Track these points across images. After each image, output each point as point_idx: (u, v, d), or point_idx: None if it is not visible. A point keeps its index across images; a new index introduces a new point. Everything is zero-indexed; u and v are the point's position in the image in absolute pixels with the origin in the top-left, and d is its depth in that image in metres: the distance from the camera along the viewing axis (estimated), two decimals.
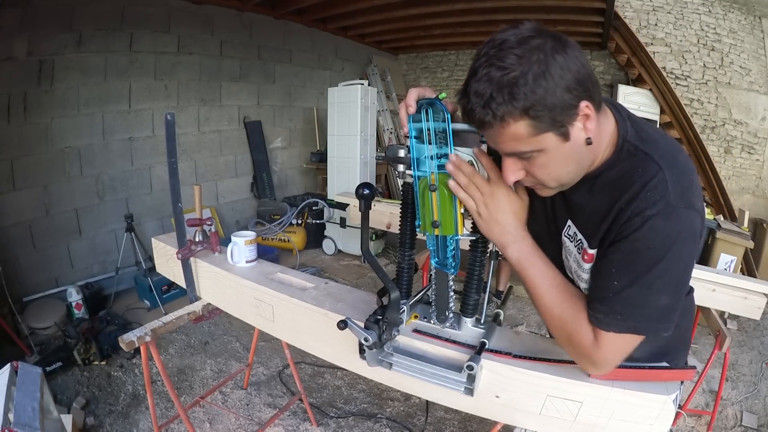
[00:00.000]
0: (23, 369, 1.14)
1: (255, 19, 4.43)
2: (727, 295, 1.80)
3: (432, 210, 0.81)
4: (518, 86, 0.58)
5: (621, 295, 0.68)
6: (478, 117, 0.63)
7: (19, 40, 2.82)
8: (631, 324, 0.69)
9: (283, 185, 5.14)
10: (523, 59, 0.58)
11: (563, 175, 0.70)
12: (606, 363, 0.74)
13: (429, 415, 2.12)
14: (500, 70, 0.59)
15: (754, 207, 4.24)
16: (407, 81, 6.61)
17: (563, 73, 0.59)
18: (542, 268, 0.77)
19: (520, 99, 0.58)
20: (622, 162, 0.70)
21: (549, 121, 0.61)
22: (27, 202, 2.99)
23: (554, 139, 0.64)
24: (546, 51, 0.59)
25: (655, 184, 0.65)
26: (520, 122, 0.61)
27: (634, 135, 0.71)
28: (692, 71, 4.36)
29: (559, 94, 0.60)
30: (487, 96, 0.60)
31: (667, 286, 0.68)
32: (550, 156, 0.66)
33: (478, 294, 0.92)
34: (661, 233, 0.64)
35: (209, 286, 1.44)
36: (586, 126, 0.65)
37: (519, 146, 0.65)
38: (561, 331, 0.76)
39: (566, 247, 0.84)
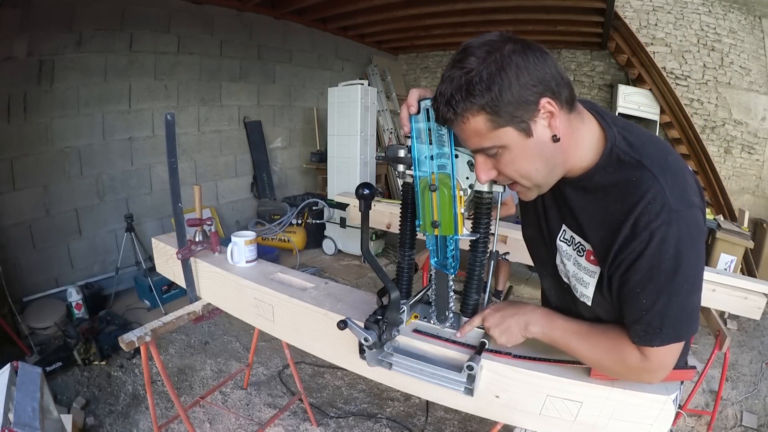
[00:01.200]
0: (23, 369, 1.14)
1: (255, 19, 4.43)
2: (727, 295, 1.80)
3: (432, 210, 0.81)
4: (473, 84, 0.62)
5: (653, 311, 0.69)
6: (441, 115, 0.68)
7: (19, 40, 2.82)
8: (671, 333, 0.70)
9: (283, 185, 5.14)
10: (480, 60, 0.62)
11: (531, 172, 0.71)
12: (661, 370, 0.75)
13: (429, 415, 2.12)
14: (460, 70, 0.63)
15: (754, 207, 4.24)
16: (407, 81, 6.61)
17: (519, 72, 0.62)
18: (565, 326, 0.82)
19: (476, 95, 0.62)
20: (614, 168, 0.71)
21: (507, 116, 0.64)
22: (27, 202, 3.00)
23: (515, 134, 0.66)
24: (504, 52, 0.62)
25: (653, 195, 0.65)
26: (479, 117, 0.64)
27: (622, 141, 0.71)
28: (692, 71, 4.36)
29: (516, 91, 0.62)
30: (448, 95, 0.64)
31: (693, 286, 0.70)
32: (515, 152, 0.68)
33: (478, 294, 0.92)
34: (671, 240, 0.65)
35: (209, 286, 1.44)
36: (551, 123, 0.67)
37: (482, 142, 0.68)
38: (610, 367, 0.78)
39: (563, 252, 0.84)
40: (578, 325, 0.81)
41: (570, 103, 0.68)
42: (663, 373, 0.76)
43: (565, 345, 0.81)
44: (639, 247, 0.66)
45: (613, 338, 0.77)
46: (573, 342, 0.80)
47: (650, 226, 0.65)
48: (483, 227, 0.87)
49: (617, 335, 0.76)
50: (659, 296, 0.68)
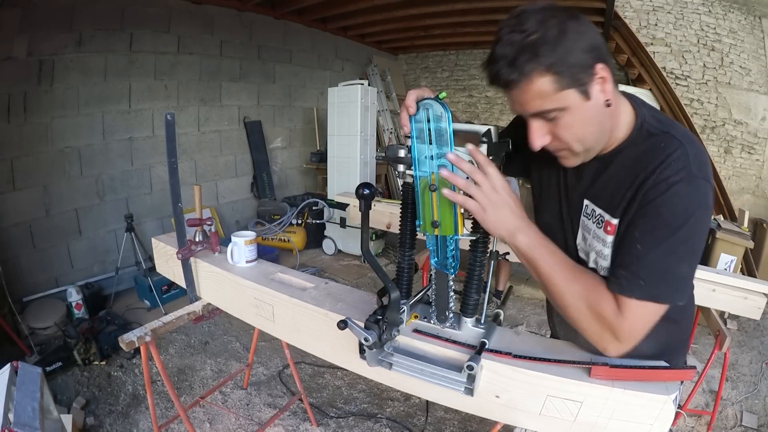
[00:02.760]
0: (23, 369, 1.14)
1: (255, 19, 4.43)
2: (727, 295, 1.80)
3: (432, 210, 0.81)
4: (539, 45, 0.63)
5: (645, 259, 0.70)
6: (504, 77, 0.67)
7: (19, 40, 2.82)
8: (653, 291, 0.70)
9: (283, 185, 5.14)
10: (541, 23, 0.64)
11: (587, 135, 0.73)
12: (630, 334, 0.73)
13: (429, 415, 2.12)
14: (521, 33, 0.64)
15: (754, 207, 4.24)
16: (407, 81, 6.61)
17: (578, 37, 0.65)
18: (552, 249, 0.78)
19: (543, 56, 0.63)
20: (644, 141, 0.74)
21: (570, 78, 0.66)
22: (27, 202, 3.00)
23: (576, 96, 0.68)
24: (561, 17, 0.64)
25: (678, 155, 0.69)
26: (545, 78, 0.65)
27: (651, 118, 0.76)
28: (692, 71, 4.36)
29: (577, 54, 0.65)
30: (512, 56, 0.64)
31: (688, 254, 0.70)
32: (574, 115, 0.69)
33: (478, 294, 0.92)
34: (684, 199, 0.68)
35: (209, 286, 1.44)
36: (605, 88, 0.69)
37: (544, 104, 0.68)
38: (580, 308, 0.76)
39: (585, 227, 0.84)
40: (565, 257, 0.78)
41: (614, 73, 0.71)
42: (630, 339, 0.74)
43: (544, 269, 0.77)
44: (653, 194, 0.69)
45: (596, 282, 0.76)
46: (555, 269, 0.76)
47: (669, 179, 0.68)
48: (481, 229, 0.87)
49: (601, 281, 0.76)
50: (655, 247, 0.69)
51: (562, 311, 0.79)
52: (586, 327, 0.77)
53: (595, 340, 0.77)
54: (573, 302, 0.76)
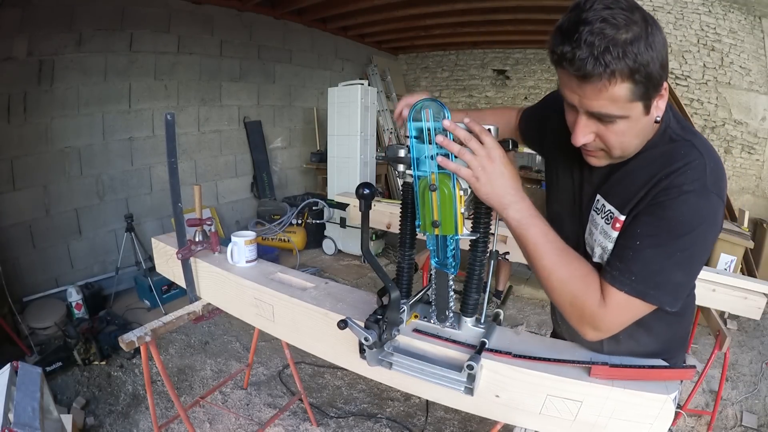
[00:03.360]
0: (23, 369, 1.14)
1: (255, 19, 4.43)
2: (727, 295, 1.80)
3: (432, 210, 0.81)
4: (631, 47, 0.59)
5: (641, 255, 0.70)
6: (587, 67, 0.61)
7: (19, 40, 2.82)
8: (643, 289, 0.70)
9: (283, 185, 5.14)
10: (634, 24, 0.60)
11: (631, 146, 0.73)
12: (609, 325, 0.74)
13: (429, 415, 2.12)
14: (614, 28, 0.59)
15: (754, 207, 4.24)
16: (407, 81, 6.61)
17: (662, 49, 0.62)
18: (544, 228, 0.76)
19: (631, 59, 0.60)
20: (665, 145, 0.74)
21: (643, 91, 0.64)
22: (27, 202, 3.00)
23: (640, 109, 0.66)
24: (651, 24, 0.61)
25: (696, 165, 0.69)
26: (625, 84, 0.62)
27: (676, 125, 0.76)
28: (692, 71, 4.36)
29: (657, 68, 0.62)
30: (602, 48, 0.59)
31: (686, 263, 0.70)
32: (630, 125, 0.68)
33: (478, 294, 0.92)
34: (693, 209, 0.67)
35: (209, 286, 1.44)
36: (659, 105, 0.69)
37: (611, 108, 0.65)
38: (565, 291, 0.75)
39: (593, 221, 0.84)
40: (557, 239, 0.77)
41: None
42: (607, 329, 0.74)
43: (532, 248, 0.76)
44: (663, 196, 0.69)
45: (584, 270, 0.76)
46: (543, 249, 0.75)
47: (683, 187, 0.68)
48: (483, 227, 0.87)
49: (589, 270, 0.76)
50: (652, 248, 0.69)
51: (545, 290, 0.79)
52: (567, 310, 0.77)
53: (574, 324, 0.78)
54: (558, 286, 0.76)
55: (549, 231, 0.77)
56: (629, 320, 0.74)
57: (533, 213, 0.76)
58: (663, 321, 0.84)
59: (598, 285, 0.74)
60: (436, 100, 0.76)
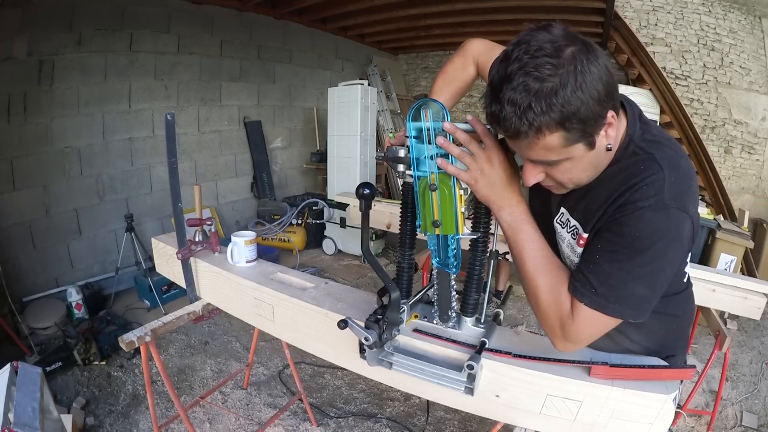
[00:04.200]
0: (23, 369, 1.14)
1: (255, 19, 4.43)
2: (727, 295, 1.80)
3: (432, 210, 0.81)
4: (556, 98, 0.58)
5: (599, 270, 0.71)
6: (513, 127, 0.61)
7: (19, 40, 2.82)
8: (603, 303, 0.71)
9: (283, 185, 5.14)
10: (560, 68, 0.58)
11: (583, 178, 0.74)
12: (577, 338, 0.75)
13: (429, 415, 2.12)
14: (537, 81, 0.58)
15: (754, 207, 4.24)
16: (407, 81, 6.61)
17: (597, 85, 0.60)
18: (532, 235, 0.78)
19: (557, 111, 0.58)
20: (626, 159, 0.73)
21: (581, 133, 0.63)
22: (27, 202, 2.99)
23: (582, 148, 0.66)
24: (582, 61, 0.59)
25: (653, 180, 0.68)
26: (555, 134, 0.62)
27: (640, 136, 0.74)
28: (692, 71, 4.36)
29: (592, 106, 0.60)
30: (525, 106, 0.59)
31: (646, 278, 0.70)
32: (575, 162, 0.69)
33: (478, 294, 0.93)
34: (648, 225, 0.67)
35: (209, 286, 1.44)
36: (608, 133, 0.67)
37: (549, 155, 0.66)
38: (541, 298, 0.77)
39: (559, 234, 0.87)
40: (543, 246, 0.78)
41: (619, 108, 0.70)
42: (575, 342, 0.76)
43: (518, 252, 0.78)
44: (619, 215, 0.70)
45: (563, 278, 0.77)
46: (528, 255, 0.77)
47: (637, 204, 0.67)
48: (483, 227, 0.87)
49: (567, 279, 0.77)
50: (611, 262, 0.70)
51: (525, 293, 0.81)
52: (541, 316, 0.78)
53: (546, 332, 0.79)
54: (535, 291, 0.77)
55: (537, 238, 0.78)
56: (596, 333, 0.75)
57: (525, 218, 0.78)
58: (654, 319, 0.84)
59: (567, 297, 0.75)
60: (436, 100, 0.76)
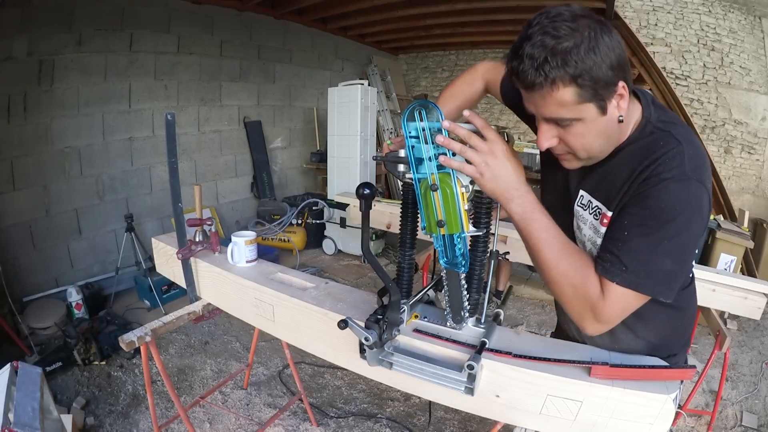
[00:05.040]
0: (23, 369, 1.14)
1: (255, 19, 4.43)
2: (727, 295, 1.80)
3: (436, 210, 0.81)
4: (571, 54, 0.63)
5: (628, 246, 0.71)
6: (529, 78, 0.66)
7: (19, 40, 2.82)
8: (634, 279, 0.71)
9: (283, 185, 5.14)
10: (576, 32, 0.64)
11: (595, 146, 0.75)
12: (607, 317, 0.74)
13: (430, 416, 2.12)
14: (554, 39, 0.63)
15: (754, 207, 4.24)
16: (407, 81, 6.61)
17: (609, 52, 0.65)
18: (546, 223, 0.77)
19: (571, 66, 0.64)
20: (645, 138, 0.76)
21: (592, 93, 0.67)
22: (27, 202, 2.99)
23: (594, 110, 0.69)
24: (596, 30, 0.65)
25: (674, 153, 0.70)
26: (568, 88, 0.66)
27: (656, 118, 0.77)
28: (692, 71, 4.36)
29: (605, 70, 0.65)
30: (541, 59, 0.64)
31: (673, 251, 0.70)
32: (587, 126, 0.72)
33: (478, 293, 0.92)
34: (673, 196, 0.69)
35: (209, 286, 1.44)
36: (620, 105, 0.71)
37: (561, 112, 0.69)
38: (566, 284, 0.76)
39: (580, 216, 0.86)
40: (559, 232, 0.77)
41: (632, 88, 0.73)
42: (608, 322, 0.75)
43: (534, 242, 0.77)
44: (644, 188, 0.71)
45: (585, 261, 0.76)
46: (545, 243, 0.76)
47: (661, 175, 0.70)
48: (483, 226, 0.87)
49: (590, 262, 0.76)
50: (639, 237, 0.71)
51: (547, 284, 0.79)
52: (568, 303, 0.77)
53: (575, 317, 0.78)
54: (559, 279, 0.76)
55: (551, 225, 0.77)
56: (626, 312, 0.75)
57: (536, 207, 0.76)
58: (663, 314, 0.84)
59: (596, 278, 0.74)
60: (429, 101, 0.76)
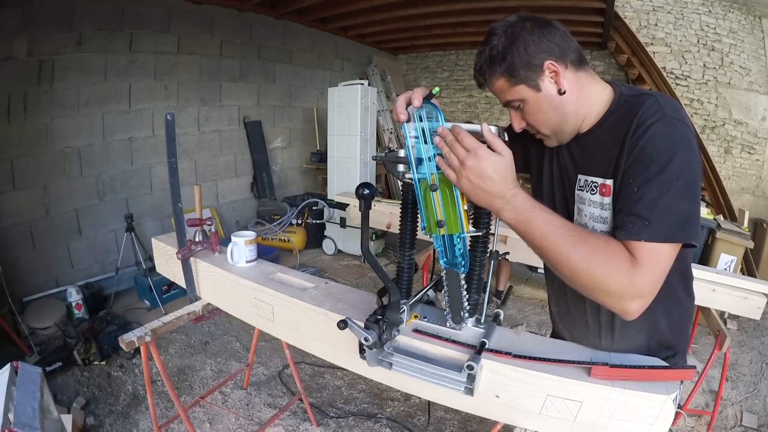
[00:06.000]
0: (23, 369, 1.14)
1: (255, 19, 4.43)
2: (727, 295, 1.80)
3: (435, 210, 0.81)
4: (493, 56, 0.81)
5: (644, 200, 0.72)
6: (479, 81, 0.88)
7: (19, 40, 2.82)
8: (661, 230, 0.69)
9: (283, 185, 5.14)
10: (500, 37, 0.81)
11: (547, 120, 0.86)
12: (647, 284, 0.69)
13: (430, 416, 2.12)
14: (486, 46, 0.83)
15: (754, 207, 4.24)
16: (407, 81, 6.61)
17: (526, 44, 0.79)
18: (547, 217, 0.73)
19: (496, 65, 0.82)
20: (621, 107, 0.83)
21: (519, 77, 0.81)
22: (27, 202, 3.00)
23: (527, 90, 0.82)
24: (516, 29, 0.80)
25: (650, 104, 0.76)
26: (500, 80, 0.83)
27: (628, 90, 0.86)
28: (692, 71, 4.36)
29: (523, 57, 0.79)
30: (479, 66, 0.85)
31: (684, 190, 0.71)
32: (531, 105, 0.84)
33: (478, 294, 0.92)
34: (664, 136, 0.73)
35: (209, 286, 1.44)
36: (557, 80, 0.81)
37: (505, 96, 0.85)
38: (591, 268, 0.70)
39: (579, 199, 0.89)
40: (564, 222, 0.74)
41: (577, 63, 0.83)
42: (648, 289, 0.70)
43: (540, 241, 0.73)
44: (635, 140, 0.75)
45: (603, 240, 0.73)
46: (553, 238, 0.72)
47: (646, 122, 0.74)
48: (483, 226, 0.87)
49: (608, 239, 0.74)
50: (650, 186, 0.72)
51: (571, 281, 0.74)
52: (600, 288, 0.71)
53: (613, 303, 0.72)
54: (582, 266, 0.71)
55: (553, 218, 0.74)
56: (663, 272, 0.71)
57: (530, 205, 0.74)
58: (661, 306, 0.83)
59: (622, 248, 0.71)
60: (430, 101, 0.77)
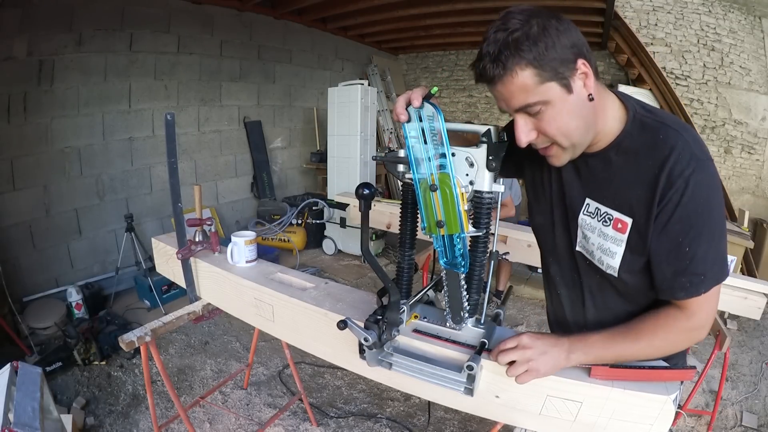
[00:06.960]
0: (23, 369, 1.14)
1: (255, 19, 4.43)
2: (727, 295, 1.80)
3: (435, 210, 0.80)
4: (521, 41, 0.66)
5: (697, 257, 0.73)
6: (489, 72, 0.69)
7: (19, 40, 2.82)
8: (712, 278, 0.74)
9: (283, 185, 5.14)
10: (525, 23, 0.67)
11: (572, 129, 0.73)
12: (705, 323, 0.79)
13: (430, 416, 2.12)
14: (505, 32, 0.67)
15: (754, 207, 4.24)
16: (407, 81, 6.61)
17: (559, 34, 0.67)
18: (604, 341, 0.81)
19: (525, 50, 0.66)
20: (638, 132, 0.76)
21: (552, 71, 0.68)
22: (27, 202, 3.00)
23: (558, 89, 0.69)
24: (543, 16, 0.68)
25: (681, 146, 0.71)
26: (527, 71, 0.67)
27: (641, 109, 0.78)
28: (692, 71, 4.36)
29: (559, 49, 0.67)
30: (496, 52, 0.67)
31: (723, 230, 0.75)
32: (558, 108, 0.71)
33: (478, 294, 0.92)
34: (704, 185, 0.71)
35: (209, 286, 1.44)
36: (586, 83, 0.71)
37: (528, 97, 0.69)
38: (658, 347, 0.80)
39: (586, 225, 0.85)
40: (611, 330, 0.82)
41: (596, 70, 0.74)
42: (710, 320, 0.79)
43: (610, 353, 0.81)
44: (676, 196, 0.71)
45: (652, 318, 0.80)
46: (616, 347, 0.80)
47: (684, 174, 0.70)
48: (483, 226, 0.87)
49: (651, 313, 0.81)
50: (700, 242, 0.73)
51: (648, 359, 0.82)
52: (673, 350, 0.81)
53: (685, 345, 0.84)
54: (651, 351, 0.80)
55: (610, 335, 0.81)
56: (716, 304, 0.79)
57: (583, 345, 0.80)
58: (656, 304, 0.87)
59: (673, 312, 0.79)
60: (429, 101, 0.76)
